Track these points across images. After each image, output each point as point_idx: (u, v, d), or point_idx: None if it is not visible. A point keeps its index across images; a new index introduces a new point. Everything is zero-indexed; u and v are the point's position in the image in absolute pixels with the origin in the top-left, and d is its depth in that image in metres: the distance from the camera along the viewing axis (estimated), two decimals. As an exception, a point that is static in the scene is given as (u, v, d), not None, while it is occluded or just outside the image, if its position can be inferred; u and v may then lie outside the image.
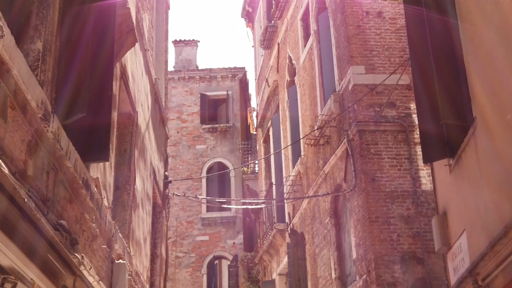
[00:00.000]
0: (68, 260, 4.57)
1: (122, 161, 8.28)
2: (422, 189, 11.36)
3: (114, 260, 7.01)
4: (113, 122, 7.23)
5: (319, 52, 14.61)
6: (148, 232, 9.91)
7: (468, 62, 7.21)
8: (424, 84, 7.94)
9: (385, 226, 11.07)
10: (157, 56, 12.18)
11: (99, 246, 6.33)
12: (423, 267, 10.84)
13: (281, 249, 17.67)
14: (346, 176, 12.19)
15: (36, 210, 4.05)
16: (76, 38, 5.11)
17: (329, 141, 13.33)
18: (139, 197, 8.96)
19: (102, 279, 6.39)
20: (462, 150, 7.56)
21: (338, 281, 12.83)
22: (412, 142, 11.65)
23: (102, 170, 6.66)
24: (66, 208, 5.25)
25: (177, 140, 28.36)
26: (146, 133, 9.72)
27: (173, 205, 27.32)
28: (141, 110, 9.24)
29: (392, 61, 12.11)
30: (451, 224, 8.29)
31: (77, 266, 4.74)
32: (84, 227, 5.80)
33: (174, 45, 30.17)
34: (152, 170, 10.41)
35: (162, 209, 11.48)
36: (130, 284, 7.79)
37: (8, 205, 3.63)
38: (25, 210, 3.84)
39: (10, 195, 3.63)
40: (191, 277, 26.50)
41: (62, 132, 4.96)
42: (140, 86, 9.15)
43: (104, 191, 6.71)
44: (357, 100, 11.59)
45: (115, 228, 7.00)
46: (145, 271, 9.49)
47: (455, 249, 8.09)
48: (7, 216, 3.68)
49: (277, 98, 18.96)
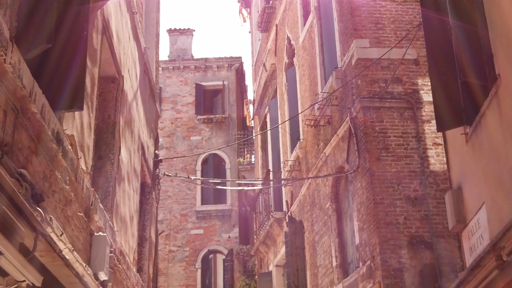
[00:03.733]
0: (28, 214, 3.80)
1: (105, 128, 7.52)
2: (430, 169, 10.61)
3: (93, 233, 6.24)
4: (94, 79, 6.47)
5: (319, 30, 13.86)
6: (135, 211, 9.14)
7: (490, 12, 6.46)
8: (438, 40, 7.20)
9: (391, 209, 10.31)
10: (148, 28, 11.41)
11: (74, 213, 5.56)
12: (431, 252, 10.08)
13: (279, 239, 16.90)
14: (349, 157, 11.43)
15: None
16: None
17: (330, 121, 12.56)
18: (125, 169, 8.20)
19: (79, 252, 5.62)
20: (481, 115, 6.82)
21: (339, 269, 12.07)
22: (419, 119, 10.90)
23: (79, 128, 5.89)
24: (31, 160, 4.48)
25: (171, 131, 27.60)
26: (133, 103, 8.95)
27: (167, 198, 26.56)
28: (128, 77, 8.48)
29: (399, 35, 11.34)
30: (467, 199, 7.55)
31: (39, 223, 3.97)
32: (55, 188, 5.03)
33: (169, 34, 29.41)
34: (141, 145, 9.64)
35: (152, 189, 10.71)
36: (113, 262, 7.02)
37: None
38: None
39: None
40: (185, 271, 25.72)
41: (25, 68, 4.19)
42: (127, 50, 8.38)
43: (82, 153, 5.94)
44: (360, 72, 10.81)
45: (95, 197, 6.23)
46: (131, 252, 8.72)
47: (472, 227, 7.35)
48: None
49: (275, 83, 18.20)
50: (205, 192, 26.83)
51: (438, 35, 7.25)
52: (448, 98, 7.33)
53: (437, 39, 7.29)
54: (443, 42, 7.20)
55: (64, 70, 4.85)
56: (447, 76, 7.30)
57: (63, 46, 4.61)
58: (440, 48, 7.30)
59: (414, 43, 11.11)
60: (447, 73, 7.28)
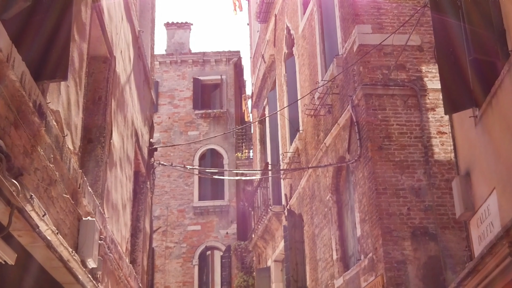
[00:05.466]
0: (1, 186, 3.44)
1: (96, 110, 7.15)
2: (435, 159, 10.25)
3: (81, 218, 5.87)
4: (82, 55, 6.10)
5: (320, 17, 13.49)
6: (128, 199, 8.76)
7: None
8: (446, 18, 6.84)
9: (394, 199, 9.95)
10: (143, 13, 11.05)
11: (60, 195, 5.18)
12: (436, 243, 9.72)
13: (277, 234, 16.53)
14: (350, 146, 11.07)
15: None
16: None
17: (331, 110, 12.19)
18: (117, 155, 7.82)
19: (65, 236, 5.25)
20: (492, 95, 6.46)
21: (340, 262, 11.71)
22: (423, 107, 10.54)
23: (66, 105, 5.52)
24: (9, 132, 4.11)
25: (168, 126, 27.20)
26: (126, 87, 8.58)
27: (164, 193, 26.18)
28: (121, 58, 8.11)
29: (402, 20, 10.95)
30: (475, 185, 7.19)
31: (15, 197, 3.60)
32: (37, 165, 4.66)
33: (166, 28, 29.02)
34: (135, 132, 9.27)
35: (147, 179, 10.33)
36: (103, 251, 6.66)
37: None
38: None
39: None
40: (182, 268, 25.31)
41: (1, 28, 3.81)
42: (119, 30, 8.01)
43: (68, 131, 5.56)
44: (361, 57, 10.44)
45: (83, 179, 5.85)
46: (124, 242, 8.34)
47: (481, 214, 7.00)
48: None
49: (274, 74, 17.83)
50: (203, 187, 26.45)
51: (446, 12, 6.89)
52: (456, 79, 6.98)
53: (445, 16, 6.93)
54: (451, 20, 6.85)
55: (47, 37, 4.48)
56: (455, 56, 6.95)
57: (46, 10, 4.25)
58: (448, 26, 6.94)
59: (418, 29, 10.76)
60: (455, 53, 6.93)
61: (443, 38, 7.10)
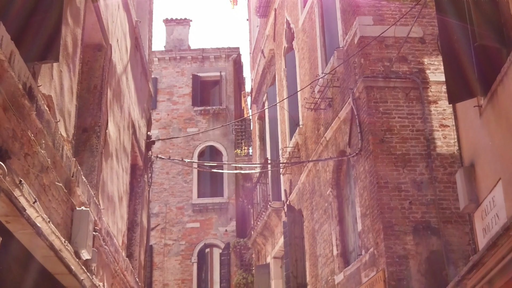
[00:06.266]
0: (-14, 168, 3.27)
1: (91, 99, 6.97)
2: (437, 152, 10.08)
3: (75, 207, 5.69)
4: (76, 40, 5.92)
5: (320, 10, 13.32)
6: (125, 191, 8.58)
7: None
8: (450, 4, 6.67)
9: (396, 193, 9.77)
10: (140, 4, 10.86)
11: (52, 183, 5.01)
12: (438, 238, 9.55)
13: (277, 230, 16.36)
14: (351, 140, 10.89)
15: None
16: None
17: (332, 104, 12.02)
18: (113, 146, 7.65)
19: (57, 226, 5.08)
20: (498, 83, 6.29)
21: (340, 258, 11.54)
22: (425, 100, 10.36)
23: (59, 90, 5.34)
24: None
25: (167, 123, 26.98)
26: (123, 77, 8.40)
27: (162, 191, 25.99)
28: (117, 47, 7.93)
29: (404, 12, 10.77)
30: (480, 177, 7.02)
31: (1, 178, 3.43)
32: (28, 151, 4.48)
33: (165, 24, 28.80)
34: (131, 123, 9.09)
35: (144, 172, 10.15)
36: (98, 243, 6.48)
37: None
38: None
39: None
40: (180, 265, 25.11)
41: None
42: (116, 18, 7.83)
43: (61, 117, 5.39)
44: (362, 48, 10.27)
45: (77, 168, 5.68)
46: (120, 235, 8.17)
47: (486, 206, 6.82)
48: None
49: (273, 69, 17.65)
50: (202, 185, 26.26)
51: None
52: (460, 67, 6.81)
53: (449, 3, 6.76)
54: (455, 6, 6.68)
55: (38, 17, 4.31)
56: (460, 44, 6.78)
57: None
58: (453, 12, 6.77)
59: (419, 20, 10.60)
60: (460, 41, 6.76)
61: (446, 25, 6.93)
